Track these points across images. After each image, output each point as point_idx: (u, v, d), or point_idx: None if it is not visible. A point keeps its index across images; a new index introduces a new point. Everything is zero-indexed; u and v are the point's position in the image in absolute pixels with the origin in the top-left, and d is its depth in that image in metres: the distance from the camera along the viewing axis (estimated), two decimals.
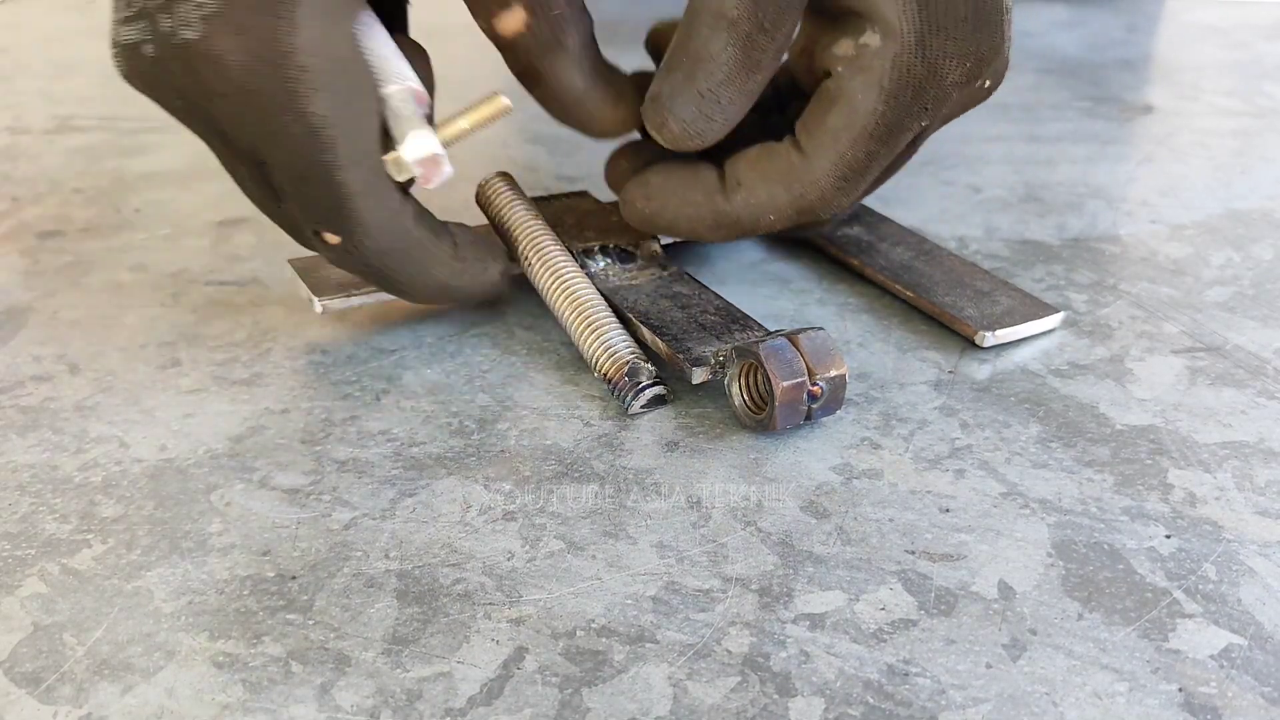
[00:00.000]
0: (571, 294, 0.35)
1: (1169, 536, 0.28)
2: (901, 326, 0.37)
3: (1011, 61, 0.35)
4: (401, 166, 0.31)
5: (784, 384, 0.30)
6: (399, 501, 0.29)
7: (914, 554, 0.27)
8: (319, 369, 0.35)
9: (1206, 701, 0.23)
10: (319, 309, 0.35)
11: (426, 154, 0.31)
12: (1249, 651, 0.24)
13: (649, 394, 0.33)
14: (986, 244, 0.44)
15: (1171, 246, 0.44)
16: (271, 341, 0.37)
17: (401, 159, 0.31)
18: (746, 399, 0.32)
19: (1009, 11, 0.33)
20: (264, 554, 0.27)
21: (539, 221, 0.37)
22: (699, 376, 0.33)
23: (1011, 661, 0.24)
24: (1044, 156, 0.53)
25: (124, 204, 0.48)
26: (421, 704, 0.23)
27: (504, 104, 0.33)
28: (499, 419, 0.33)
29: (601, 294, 0.36)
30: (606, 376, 0.33)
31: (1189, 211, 0.47)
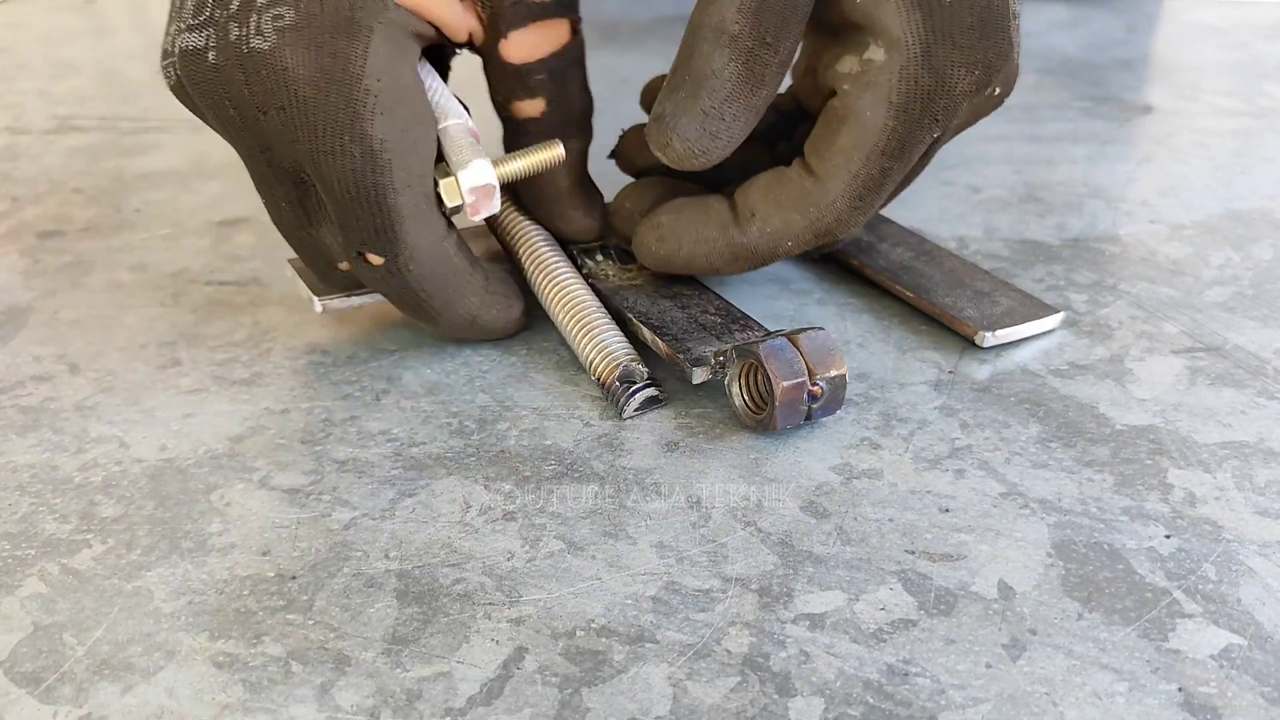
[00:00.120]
0: (567, 296, 0.35)
1: (1169, 536, 0.28)
2: (901, 326, 0.37)
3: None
4: (453, 193, 0.32)
5: (784, 384, 0.30)
6: (399, 501, 0.29)
7: (914, 554, 0.27)
8: (319, 369, 0.35)
9: (1206, 701, 0.23)
10: (319, 309, 0.35)
11: (483, 183, 0.32)
12: (1249, 651, 0.24)
13: (640, 397, 0.33)
14: (986, 244, 0.44)
15: (1171, 246, 0.44)
16: (271, 341, 0.37)
17: (457, 184, 0.32)
18: (747, 399, 0.32)
19: (1017, 17, 0.33)
20: (264, 554, 0.27)
21: (534, 225, 0.38)
22: (699, 376, 0.33)
23: (1011, 661, 0.24)
24: (1044, 156, 0.53)
25: (124, 204, 0.48)
26: (421, 704, 0.23)
27: (560, 153, 0.34)
28: (499, 419, 0.33)
29: (599, 294, 0.36)
30: (601, 381, 0.33)
31: (1189, 211, 0.47)
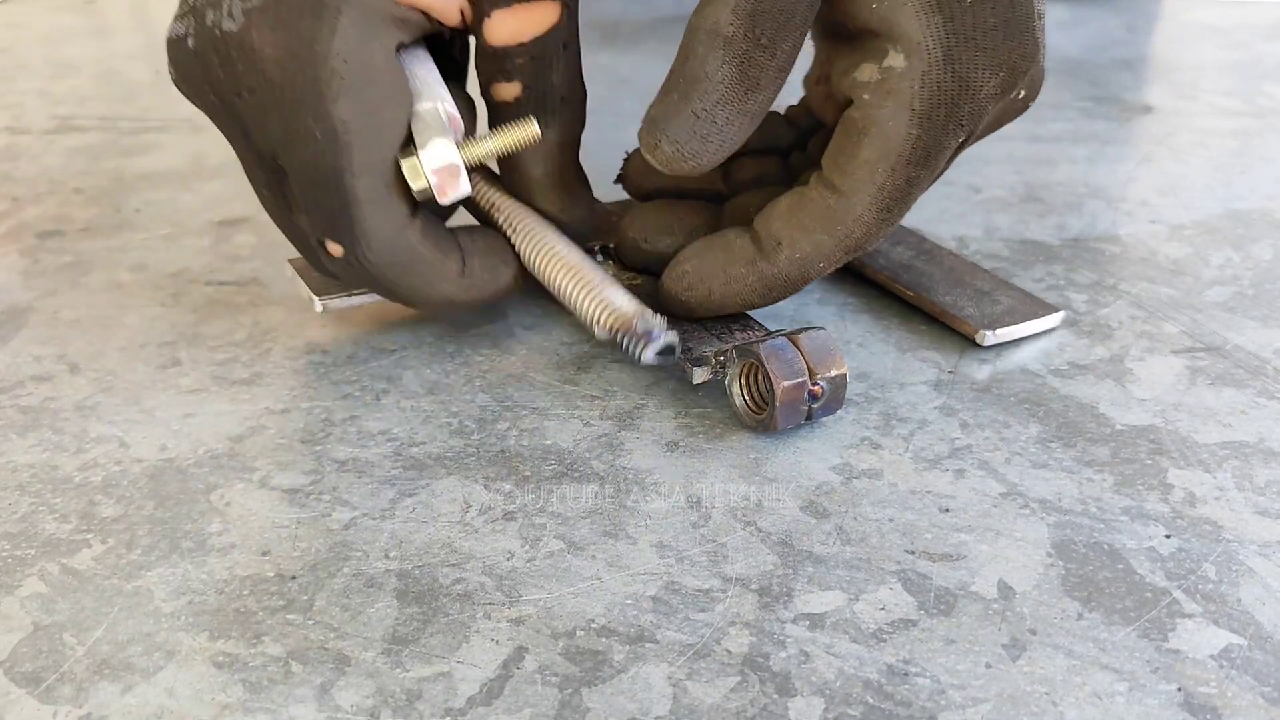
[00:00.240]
0: (556, 257, 0.34)
1: (1169, 536, 0.28)
2: (901, 326, 0.37)
3: None
4: (416, 174, 0.31)
5: (785, 384, 0.30)
6: (399, 501, 0.29)
7: (914, 554, 0.27)
8: (319, 369, 0.35)
9: (1206, 701, 0.23)
10: (319, 308, 0.35)
11: (444, 163, 0.31)
12: (1249, 651, 0.24)
13: (662, 341, 0.31)
14: (986, 244, 0.44)
15: (1171, 246, 0.44)
16: (271, 341, 0.37)
17: (419, 164, 0.31)
18: (747, 399, 0.32)
19: (1041, 17, 0.32)
20: (264, 554, 0.27)
21: (511, 199, 0.36)
22: (700, 376, 0.33)
23: (1011, 661, 0.24)
24: (1044, 156, 0.53)
25: (124, 204, 0.48)
26: (421, 704, 0.23)
27: (534, 131, 0.33)
28: (499, 419, 0.33)
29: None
30: (611, 330, 0.32)
31: (1189, 211, 0.47)
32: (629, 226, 0.37)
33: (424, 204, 0.33)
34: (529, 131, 0.33)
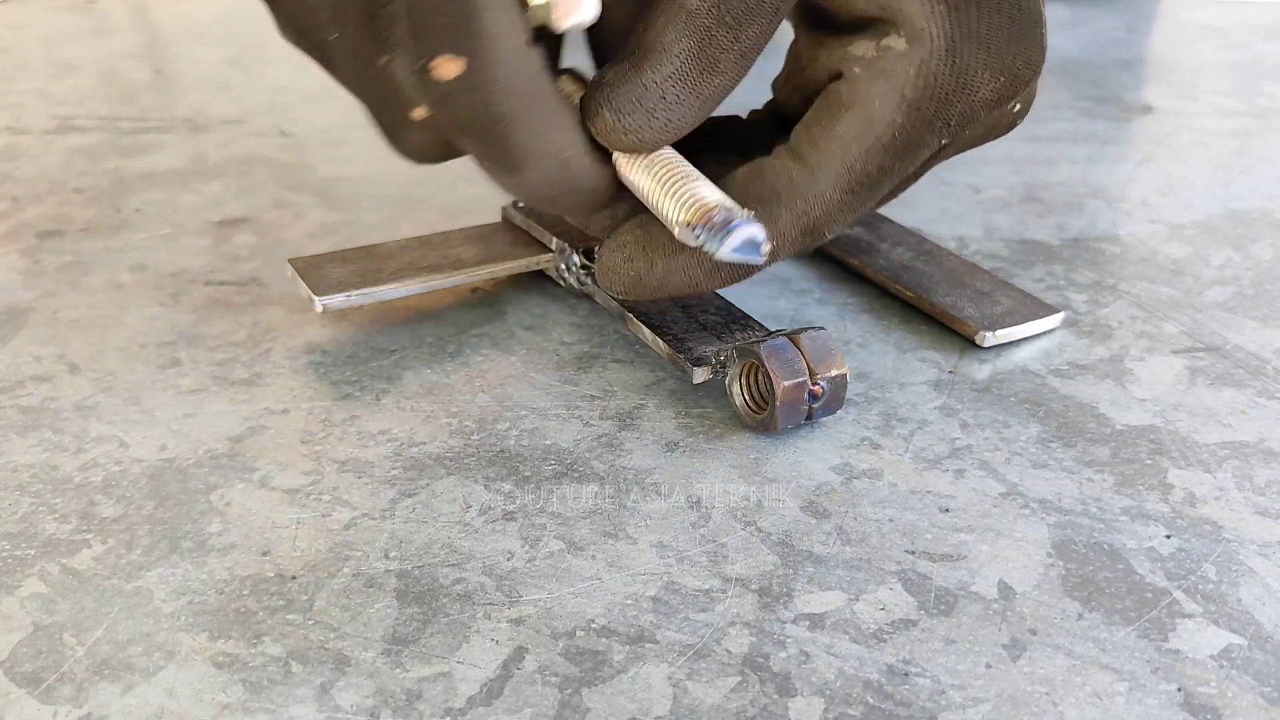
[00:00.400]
0: (647, 160, 0.30)
1: (1169, 536, 0.28)
2: (901, 326, 0.37)
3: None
4: None
5: (785, 384, 0.30)
6: (399, 501, 0.29)
7: (914, 554, 0.27)
8: (319, 369, 0.35)
9: (1206, 701, 0.23)
10: (319, 308, 0.35)
11: None
12: (1249, 651, 0.24)
13: (744, 234, 0.27)
14: (986, 244, 0.44)
15: (1171, 246, 0.44)
16: (271, 341, 0.37)
17: None
18: (747, 399, 0.32)
19: (1045, 25, 0.31)
20: (264, 554, 0.27)
21: None
22: (700, 376, 0.33)
23: (1011, 661, 0.24)
24: (1044, 156, 0.53)
25: (124, 204, 0.48)
26: (421, 704, 0.23)
27: None
28: (499, 419, 0.33)
29: (594, 297, 0.32)
30: (690, 225, 0.28)
31: (1189, 211, 0.47)
32: (614, 252, 0.32)
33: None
34: None
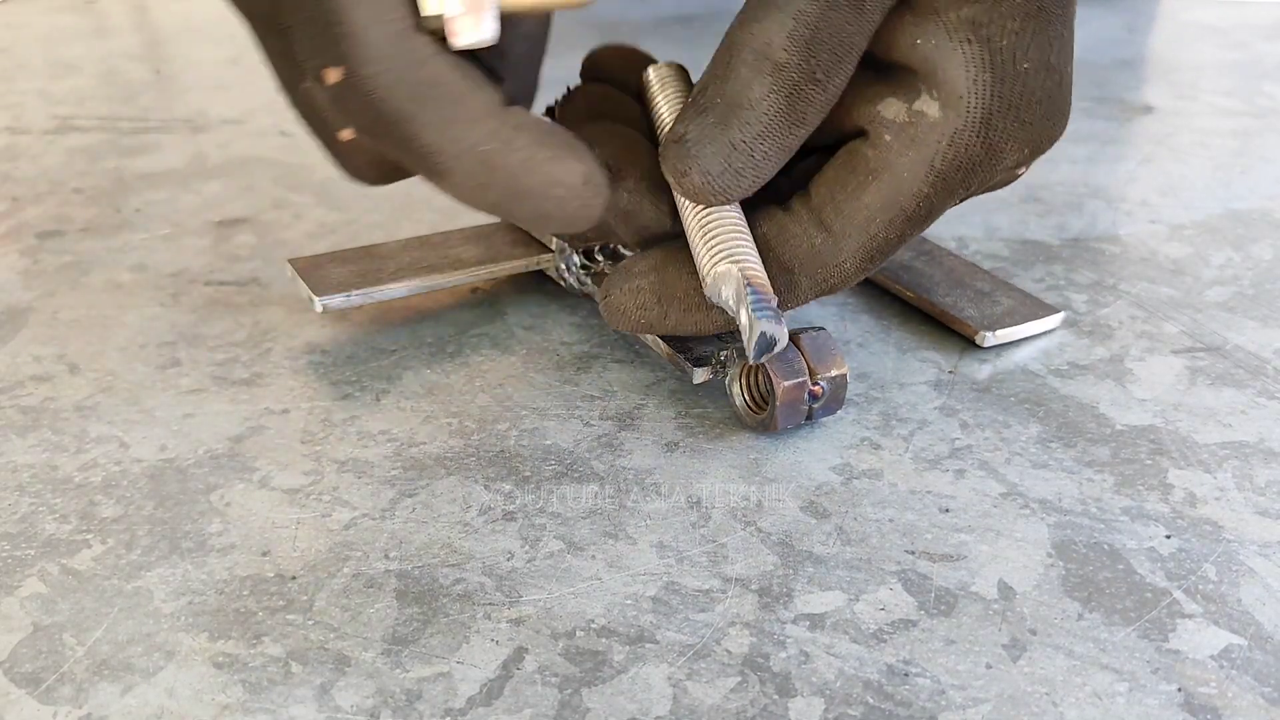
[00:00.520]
0: (702, 218, 0.29)
1: (1169, 536, 0.28)
2: (901, 326, 0.37)
3: None
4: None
5: (785, 384, 0.30)
6: (399, 501, 0.29)
7: (914, 554, 0.27)
8: (319, 369, 0.35)
9: (1206, 702, 0.23)
10: (319, 308, 0.35)
11: None
12: (1249, 652, 0.24)
13: (768, 335, 0.28)
14: (986, 244, 0.44)
15: (1171, 246, 0.44)
16: (271, 341, 0.37)
17: None
18: (747, 399, 0.32)
19: (1072, 92, 0.30)
20: (264, 554, 0.27)
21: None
22: (700, 376, 0.33)
23: (1011, 662, 0.24)
24: (1044, 156, 0.53)
25: (124, 204, 0.48)
26: (421, 704, 0.23)
27: None
28: (499, 419, 0.33)
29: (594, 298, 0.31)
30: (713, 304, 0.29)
31: (1189, 211, 0.47)
32: (619, 283, 0.31)
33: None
34: None
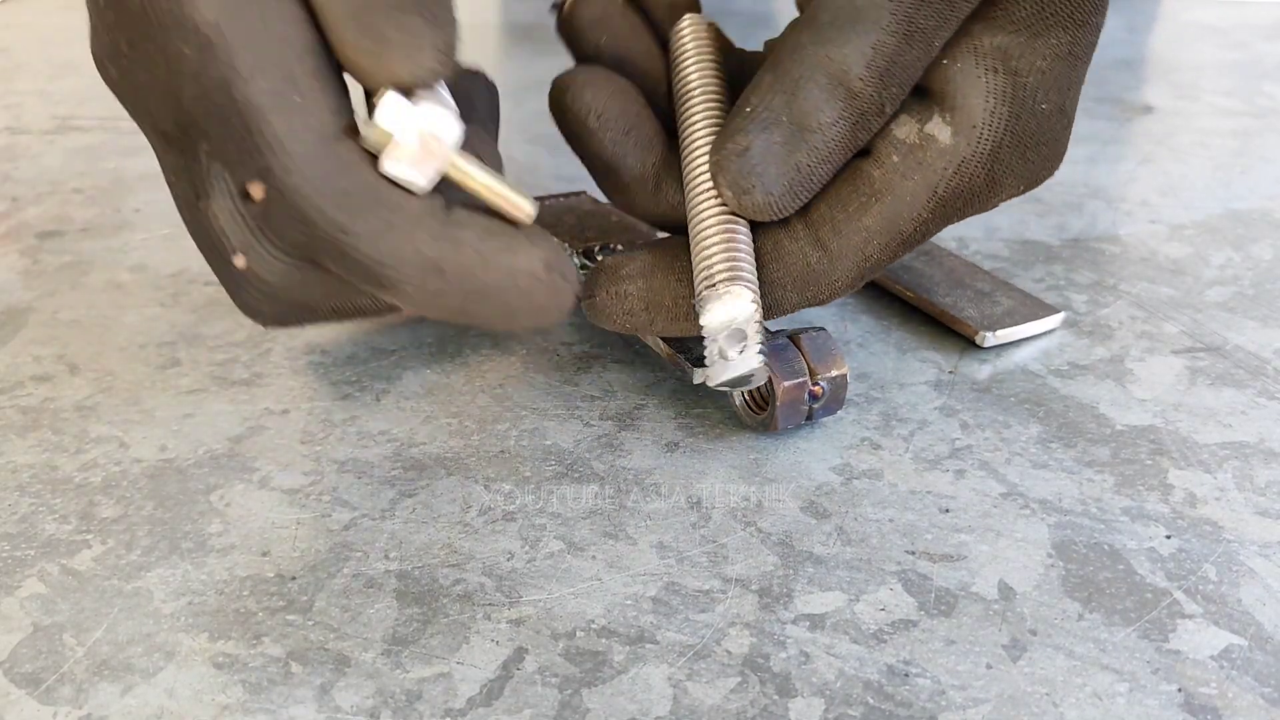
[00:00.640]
0: (696, 215, 0.29)
1: (1169, 537, 0.28)
2: (901, 326, 0.37)
3: None
4: (383, 126, 0.24)
5: (785, 384, 0.30)
6: (399, 502, 0.29)
7: (914, 554, 0.27)
8: (319, 369, 0.35)
9: (1206, 702, 0.23)
10: None
11: (426, 124, 0.23)
12: (1249, 652, 0.24)
13: (734, 372, 0.27)
14: (986, 244, 0.44)
15: (1171, 246, 0.43)
16: (271, 341, 0.37)
17: (389, 113, 0.23)
18: (747, 399, 0.32)
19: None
20: (264, 554, 0.27)
21: (708, 100, 0.29)
22: (700, 377, 0.32)
23: (1011, 662, 0.24)
24: None
25: (124, 204, 0.48)
26: (421, 704, 0.23)
27: (529, 213, 0.26)
28: (499, 419, 0.33)
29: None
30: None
31: (1189, 211, 0.47)
32: (609, 283, 0.30)
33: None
34: (523, 211, 0.26)
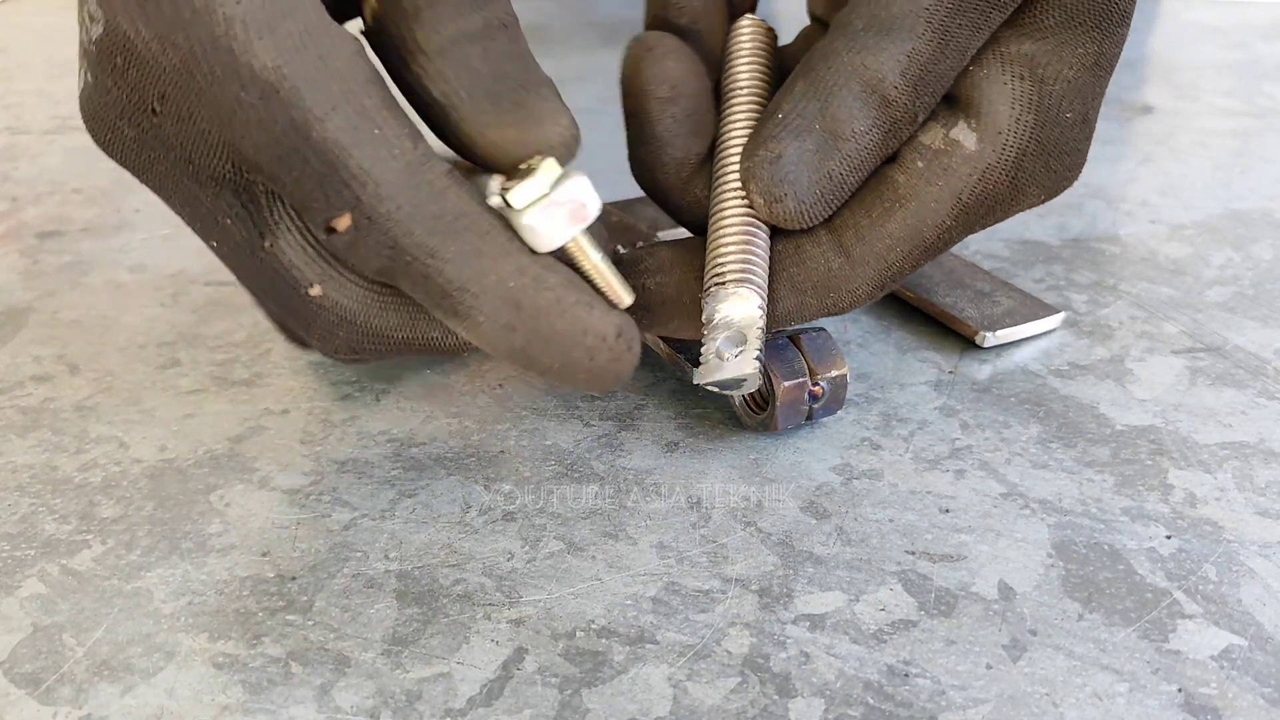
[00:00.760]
0: (719, 214, 0.28)
1: (1169, 537, 0.28)
2: (901, 327, 0.37)
3: None
4: (529, 194, 0.24)
5: (785, 384, 0.30)
6: (399, 502, 0.29)
7: (914, 554, 0.27)
8: (319, 369, 0.35)
9: (1206, 702, 0.23)
10: None
11: (571, 199, 0.24)
12: (1249, 652, 0.24)
13: (723, 374, 0.27)
14: (986, 244, 0.44)
15: (1171, 246, 0.43)
16: (271, 341, 0.37)
17: (535, 185, 0.24)
18: (747, 399, 0.32)
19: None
20: (264, 554, 0.27)
21: (752, 103, 0.29)
22: (700, 377, 0.32)
23: (1011, 662, 0.24)
24: None
25: (124, 204, 0.48)
26: (421, 704, 0.23)
27: (627, 304, 0.27)
28: (499, 419, 0.33)
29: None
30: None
31: (1189, 211, 0.47)
32: (655, 273, 0.29)
33: None
34: (622, 300, 0.27)
